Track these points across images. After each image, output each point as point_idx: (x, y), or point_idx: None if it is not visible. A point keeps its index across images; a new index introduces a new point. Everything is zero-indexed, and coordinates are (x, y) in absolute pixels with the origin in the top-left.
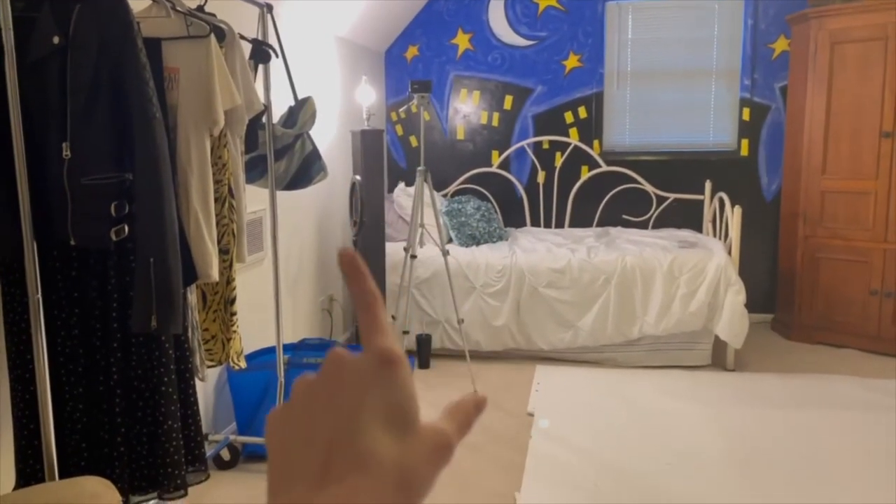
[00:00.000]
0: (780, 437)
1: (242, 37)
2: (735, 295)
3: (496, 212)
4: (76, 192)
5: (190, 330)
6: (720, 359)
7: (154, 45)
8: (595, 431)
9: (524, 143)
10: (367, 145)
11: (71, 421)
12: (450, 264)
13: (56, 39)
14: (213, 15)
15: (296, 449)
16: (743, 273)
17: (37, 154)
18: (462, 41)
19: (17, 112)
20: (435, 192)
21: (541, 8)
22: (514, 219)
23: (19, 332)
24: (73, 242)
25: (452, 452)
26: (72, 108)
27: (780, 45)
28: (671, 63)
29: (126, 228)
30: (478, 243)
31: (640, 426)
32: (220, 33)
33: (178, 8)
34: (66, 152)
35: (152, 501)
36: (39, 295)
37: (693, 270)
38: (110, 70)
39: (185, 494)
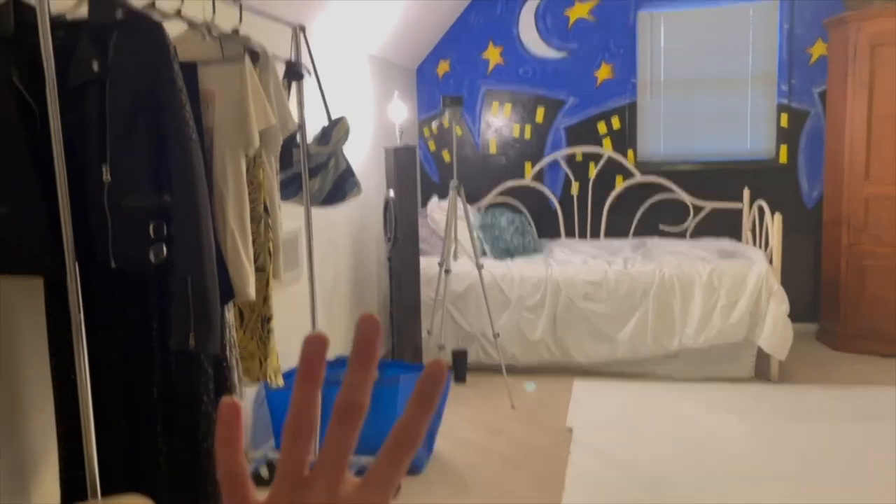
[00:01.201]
0: (827, 451)
1: (276, 57)
2: (777, 305)
3: (530, 224)
4: (116, 215)
5: (228, 348)
6: (763, 371)
7: (190, 68)
8: (635, 446)
9: (557, 154)
10: (400, 161)
11: (113, 439)
12: (484, 278)
13: (95, 66)
14: (248, 37)
15: None
16: (785, 282)
17: (78, 178)
18: (493, 55)
19: (59, 137)
20: (468, 206)
21: (571, 20)
22: (548, 231)
23: (63, 352)
24: (113, 264)
25: None
26: (111, 132)
27: (818, 49)
28: (706, 70)
29: (164, 249)
30: (512, 256)
31: (682, 441)
32: (255, 55)
33: (214, 32)
34: (106, 175)
35: None
36: (82, 315)
37: (733, 281)
38: (148, 94)
39: None
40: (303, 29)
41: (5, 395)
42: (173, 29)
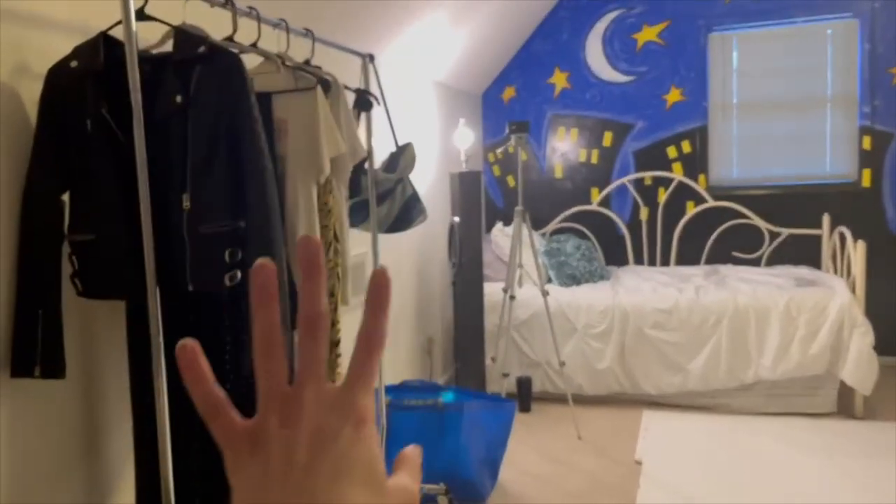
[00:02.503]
0: None
1: (346, 87)
2: (862, 337)
3: (597, 250)
4: (194, 240)
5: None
6: (847, 406)
7: (265, 98)
8: (707, 482)
9: (625, 179)
10: (465, 187)
11: (188, 460)
12: (550, 305)
13: (179, 99)
14: (319, 67)
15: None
16: (870, 313)
17: (160, 206)
18: (559, 80)
19: (144, 168)
20: (533, 232)
21: (640, 43)
22: (615, 257)
23: (142, 374)
24: (190, 288)
25: None
26: (192, 162)
27: None
28: (781, 92)
29: (239, 274)
30: (578, 283)
31: (757, 478)
32: (326, 84)
33: (287, 63)
34: (186, 203)
35: None
36: (161, 337)
37: (813, 310)
38: (227, 125)
39: None
40: (372, 58)
41: (87, 413)
42: (249, 61)
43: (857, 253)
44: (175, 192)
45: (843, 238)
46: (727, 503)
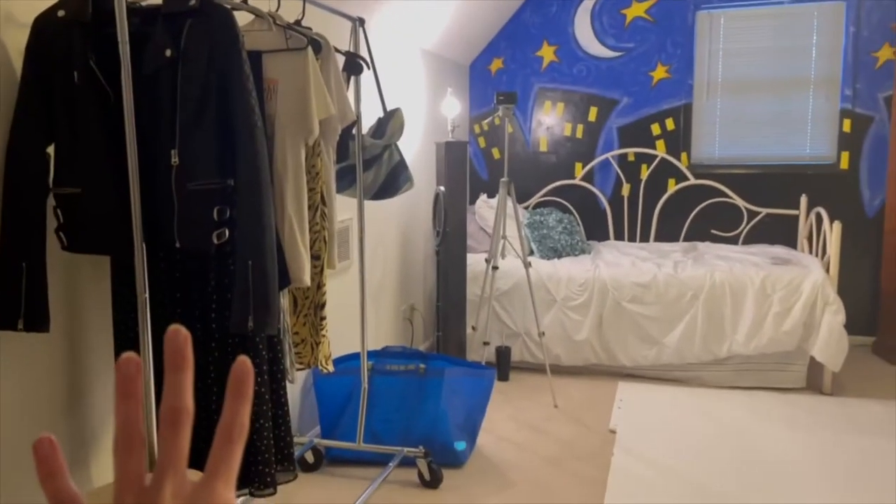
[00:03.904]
0: (878, 466)
1: (336, 49)
2: (833, 315)
3: (579, 224)
4: (182, 197)
5: (281, 333)
6: (816, 382)
7: (255, 57)
8: (679, 451)
9: (609, 154)
10: (451, 157)
11: None
12: (531, 276)
13: (168, 52)
14: (310, 28)
15: None
16: (842, 292)
17: (148, 161)
18: (547, 53)
19: (132, 122)
20: (517, 204)
21: (628, 19)
22: (597, 232)
23: (126, 330)
24: (177, 245)
25: None
26: (181, 117)
27: (885, 53)
28: (766, 73)
29: (226, 232)
30: (559, 256)
31: (728, 448)
32: (317, 46)
33: (279, 22)
34: (175, 159)
35: (242, 498)
36: (147, 294)
37: (787, 288)
38: (217, 82)
39: (275, 492)
40: (362, 22)
41: (70, 367)
42: (241, 17)
43: (833, 234)
44: (163, 147)
45: (819, 219)
46: (697, 471)
